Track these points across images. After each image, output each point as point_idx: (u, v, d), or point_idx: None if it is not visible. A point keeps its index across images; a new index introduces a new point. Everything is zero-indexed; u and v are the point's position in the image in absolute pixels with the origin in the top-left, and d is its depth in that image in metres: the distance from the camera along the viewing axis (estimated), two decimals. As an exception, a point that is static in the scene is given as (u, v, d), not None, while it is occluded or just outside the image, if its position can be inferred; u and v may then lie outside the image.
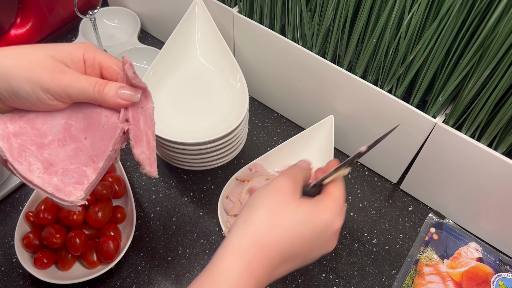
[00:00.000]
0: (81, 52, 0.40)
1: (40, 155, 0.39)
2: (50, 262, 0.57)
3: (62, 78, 0.37)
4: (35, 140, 0.39)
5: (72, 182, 0.40)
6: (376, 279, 0.62)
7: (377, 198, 0.70)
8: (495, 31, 0.47)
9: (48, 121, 0.40)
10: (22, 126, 0.39)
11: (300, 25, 0.65)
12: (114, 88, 0.39)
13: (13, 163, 0.38)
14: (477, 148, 0.55)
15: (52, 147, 0.40)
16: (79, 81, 0.38)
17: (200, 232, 0.65)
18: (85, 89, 0.38)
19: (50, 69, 0.37)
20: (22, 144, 0.39)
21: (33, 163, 0.39)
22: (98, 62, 0.41)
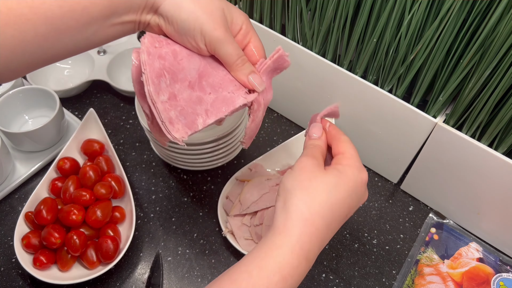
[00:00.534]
0: (242, 19, 0.44)
1: (170, 86, 0.41)
2: (50, 262, 0.57)
3: (222, 33, 0.41)
4: (172, 70, 0.42)
5: (183, 122, 0.42)
6: (377, 280, 0.62)
7: (378, 198, 0.70)
8: (496, 31, 0.47)
9: (188, 60, 0.43)
10: (168, 53, 0.42)
11: (300, 24, 0.64)
12: (249, 69, 0.44)
13: (148, 80, 0.40)
14: (477, 148, 0.55)
15: (182, 84, 0.42)
16: (231, 45, 0.42)
17: (200, 232, 0.65)
18: (231, 55, 0.42)
19: (218, 20, 0.41)
20: (162, 68, 0.41)
21: (163, 89, 0.41)
22: (249, 38, 0.45)
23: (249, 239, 0.60)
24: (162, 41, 0.42)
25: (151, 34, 0.42)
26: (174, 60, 0.42)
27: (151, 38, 0.41)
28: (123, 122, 0.77)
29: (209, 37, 0.41)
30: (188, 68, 0.42)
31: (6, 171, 0.67)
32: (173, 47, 0.42)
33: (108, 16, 0.39)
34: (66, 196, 0.61)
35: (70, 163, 0.64)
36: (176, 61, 0.42)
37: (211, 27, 0.40)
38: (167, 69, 0.41)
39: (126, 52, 0.82)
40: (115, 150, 0.67)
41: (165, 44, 0.42)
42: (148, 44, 0.41)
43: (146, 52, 0.40)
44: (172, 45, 0.42)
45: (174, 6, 0.40)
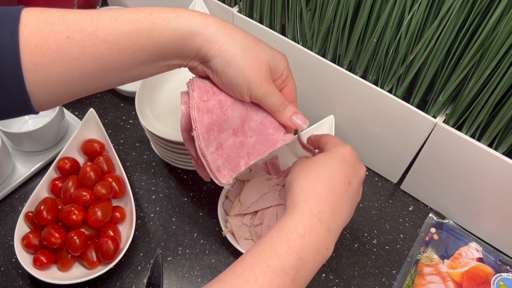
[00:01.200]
0: (284, 65, 0.46)
1: (217, 137, 0.44)
2: (50, 262, 0.57)
3: (267, 88, 0.44)
4: (219, 122, 0.44)
5: (228, 167, 0.45)
6: (376, 279, 0.62)
7: (378, 198, 0.70)
8: (496, 31, 0.47)
9: (233, 109, 0.45)
10: (215, 105, 0.44)
11: (300, 25, 0.64)
12: (291, 111, 0.46)
13: (199, 137, 0.42)
14: (477, 148, 0.55)
15: (227, 133, 0.45)
16: (275, 96, 0.45)
17: (200, 232, 0.65)
18: (274, 104, 0.45)
19: (263, 76, 0.43)
20: (210, 123, 0.43)
21: (211, 141, 0.44)
22: (285, 84, 0.47)
23: (249, 239, 0.60)
24: (209, 92, 0.44)
25: (199, 85, 0.44)
26: (221, 112, 0.44)
27: (200, 91, 0.43)
28: (123, 122, 0.77)
29: (255, 92, 0.43)
30: (232, 116, 0.45)
31: (6, 171, 0.67)
32: (219, 97, 0.44)
33: (156, 60, 0.41)
34: (66, 196, 0.61)
35: (70, 163, 0.65)
36: (222, 112, 0.44)
37: (257, 84, 0.43)
38: (214, 122, 0.44)
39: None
40: (115, 150, 0.67)
41: (212, 95, 0.44)
42: (198, 99, 0.43)
43: (196, 109, 0.42)
44: (217, 95, 0.44)
45: (224, 63, 0.42)
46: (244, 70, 0.42)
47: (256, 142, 0.46)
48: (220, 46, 0.41)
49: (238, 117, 0.45)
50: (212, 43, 0.41)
